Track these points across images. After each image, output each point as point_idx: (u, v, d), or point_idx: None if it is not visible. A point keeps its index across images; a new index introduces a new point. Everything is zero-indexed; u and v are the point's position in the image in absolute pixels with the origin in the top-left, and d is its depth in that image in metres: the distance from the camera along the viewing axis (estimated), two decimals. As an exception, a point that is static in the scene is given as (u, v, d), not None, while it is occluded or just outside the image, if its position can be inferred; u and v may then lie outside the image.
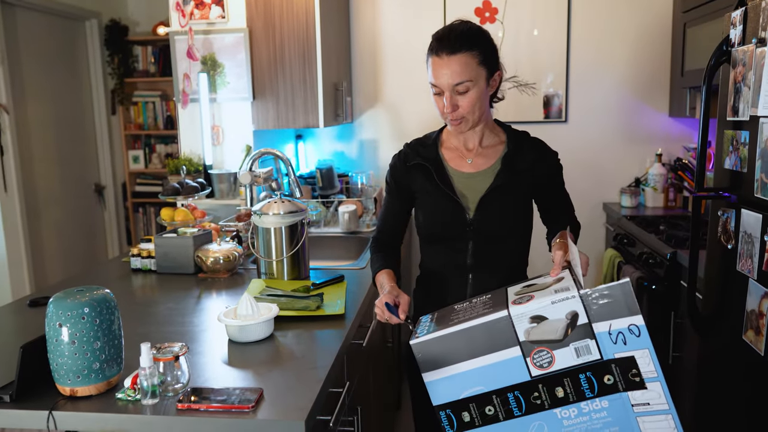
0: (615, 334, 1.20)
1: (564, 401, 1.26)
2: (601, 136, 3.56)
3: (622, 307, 1.19)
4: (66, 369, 1.24)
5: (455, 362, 1.29)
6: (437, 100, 1.57)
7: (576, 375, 1.23)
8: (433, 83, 1.54)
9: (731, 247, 1.79)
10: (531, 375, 1.26)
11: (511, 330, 1.25)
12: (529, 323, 1.23)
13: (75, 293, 1.27)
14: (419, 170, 1.65)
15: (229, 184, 2.91)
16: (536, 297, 1.26)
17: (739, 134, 1.75)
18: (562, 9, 3.46)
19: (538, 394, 1.26)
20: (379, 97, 3.67)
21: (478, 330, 1.27)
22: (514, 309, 1.25)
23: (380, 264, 1.67)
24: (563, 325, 1.22)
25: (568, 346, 1.22)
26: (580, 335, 1.22)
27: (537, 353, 1.24)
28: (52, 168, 4.12)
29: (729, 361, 1.84)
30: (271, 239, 2.09)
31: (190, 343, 1.58)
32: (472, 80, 1.51)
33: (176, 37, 2.87)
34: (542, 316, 1.23)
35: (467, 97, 1.52)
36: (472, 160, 1.64)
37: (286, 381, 1.36)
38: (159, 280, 2.19)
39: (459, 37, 1.50)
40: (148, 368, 1.23)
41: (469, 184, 1.62)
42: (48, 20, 4.08)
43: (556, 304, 1.22)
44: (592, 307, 1.20)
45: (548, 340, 1.23)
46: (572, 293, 1.22)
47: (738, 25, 1.75)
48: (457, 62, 1.49)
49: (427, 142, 1.70)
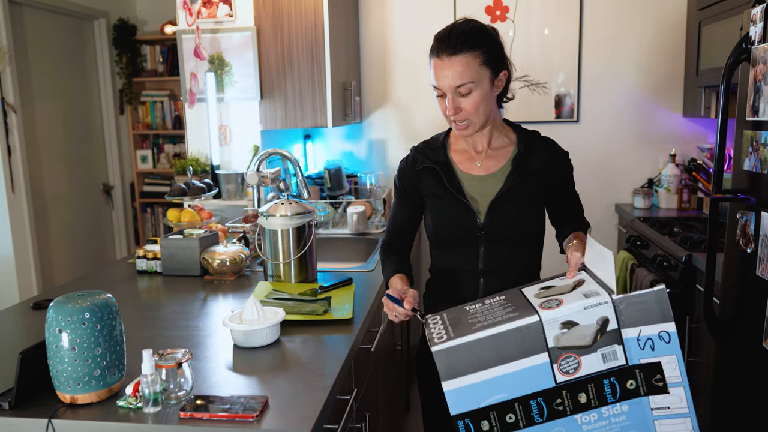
0: (644, 340, 1.17)
1: (586, 407, 1.22)
2: (613, 136, 3.50)
3: (655, 313, 1.16)
4: (66, 376, 1.21)
5: (479, 369, 1.24)
6: (440, 102, 1.53)
7: (600, 381, 1.20)
8: (435, 85, 1.50)
9: (750, 252, 1.74)
10: (556, 381, 1.21)
11: (541, 336, 1.20)
12: (560, 329, 1.19)
13: (76, 298, 1.24)
14: (428, 174, 1.61)
15: (237, 184, 2.88)
16: (565, 302, 1.22)
17: (759, 135, 1.70)
18: (574, 7, 3.40)
19: (561, 401, 1.22)
20: (388, 97, 3.63)
21: (507, 336, 1.22)
22: (545, 314, 1.20)
23: (393, 268, 1.62)
24: (593, 330, 1.18)
25: (595, 352, 1.19)
26: (608, 341, 1.18)
27: (564, 359, 1.20)
28: (59, 168, 4.11)
29: (748, 369, 1.79)
30: (278, 241, 2.05)
31: (195, 348, 1.55)
32: (474, 81, 1.46)
33: (183, 36, 2.84)
34: (573, 322, 1.19)
35: (470, 99, 1.48)
36: (481, 162, 1.60)
37: (292, 388, 1.32)
38: (164, 282, 2.16)
39: (460, 37, 1.45)
40: (149, 375, 1.20)
41: (479, 188, 1.57)
42: (56, 20, 4.07)
43: (588, 310, 1.18)
44: (624, 313, 1.17)
45: (577, 346, 1.19)
46: (604, 298, 1.18)
47: (758, 22, 1.70)
48: (458, 63, 1.45)
49: (434, 144, 1.65)
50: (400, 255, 1.67)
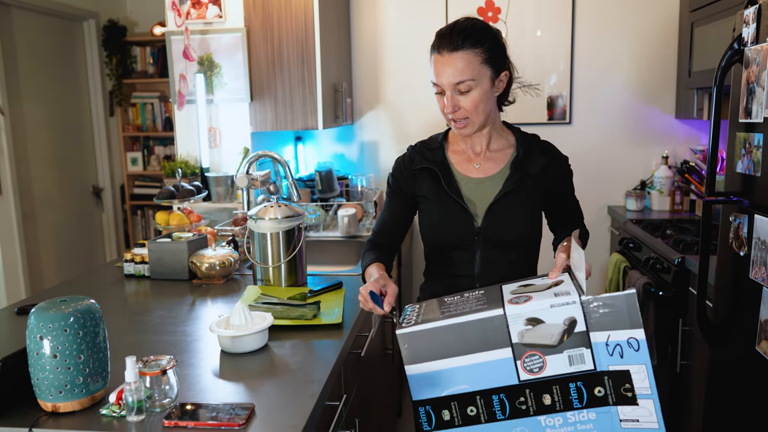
0: (612, 346, 1.15)
1: (550, 409, 1.19)
2: (605, 137, 3.49)
3: (624, 318, 1.13)
4: (47, 384, 1.18)
5: (442, 357, 1.22)
6: (439, 99, 1.50)
7: (566, 383, 1.17)
8: (435, 82, 1.48)
9: (744, 255, 1.73)
10: (519, 379, 1.19)
11: (505, 330, 1.18)
12: (525, 325, 1.17)
13: (58, 304, 1.21)
14: (425, 174, 1.58)
15: (227, 187, 2.85)
16: (534, 298, 1.20)
17: (753, 137, 1.69)
18: (567, 9, 3.39)
19: (524, 400, 1.20)
20: (379, 99, 3.61)
21: (470, 326, 1.20)
22: (511, 309, 1.19)
23: (371, 258, 1.58)
24: (560, 330, 1.16)
25: (561, 353, 1.16)
26: (576, 343, 1.16)
27: (528, 357, 1.18)
28: (48, 170, 4.07)
29: (742, 373, 1.77)
30: (268, 245, 2.03)
31: (181, 354, 1.52)
32: (474, 79, 1.44)
33: (172, 38, 2.81)
34: (539, 319, 1.17)
35: (469, 97, 1.46)
36: (480, 164, 1.57)
37: (280, 395, 1.30)
38: (152, 287, 2.13)
39: (461, 34, 1.44)
40: (133, 383, 1.17)
41: (477, 191, 1.55)
42: (45, 21, 4.03)
43: (555, 308, 1.16)
44: (593, 316, 1.15)
45: (542, 345, 1.17)
46: (573, 298, 1.16)
47: (751, 23, 1.69)
48: (458, 60, 1.43)
49: (432, 144, 1.62)
50: (381, 251, 1.63)
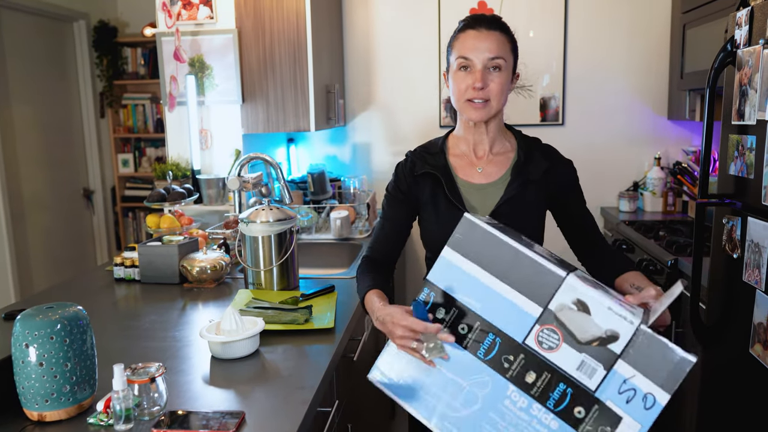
0: (628, 387, 1.07)
1: (525, 387, 1.12)
2: (598, 139, 3.49)
3: (662, 373, 1.05)
4: (33, 392, 1.16)
5: (481, 266, 1.17)
6: (461, 77, 1.46)
7: (558, 379, 1.10)
8: (465, 56, 1.45)
9: (737, 257, 1.72)
10: (524, 341, 1.13)
11: (552, 291, 1.11)
12: (571, 302, 1.10)
13: (44, 311, 1.19)
14: (427, 180, 1.54)
15: (218, 189, 2.83)
16: (600, 292, 1.12)
17: (745, 139, 1.68)
18: (559, 10, 3.39)
19: (512, 360, 1.13)
20: (372, 100, 3.59)
21: (527, 263, 1.14)
22: (573, 279, 1.11)
23: (369, 284, 1.46)
24: (597, 333, 1.09)
25: (579, 353, 1.09)
26: (600, 356, 1.08)
27: (548, 330, 1.11)
28: (38, 172, 4.03)
29: (735, 375, 1.77)
30: (259, 248, 2.01)
31: (171, 360, 1.50)
32: (505, 60, 1.46)
33: (163, 39, 2.79)
34: (588, 308, 1.09)
35: (498, 78, 1.45)
36: (482, 168, 1.55)
37: (271, 402, 1.28)
38: (143, 291, 2.11)
39: (493, 18, 1.49)
40: (121, 391, 1.16)
41: (479, 197, 1.53)
42: (34, 21, 3.99)
43: (610, 313, 1.08)
44: (637, 348, 1.06)
45: (570, 331, 1.10)
46: (633, 319, 1.08)
47: (744, 25, 1.68)
48: (495, 38, 1.46)
49: (432, 149, 1.58)
50: (379, 273, 1.53)
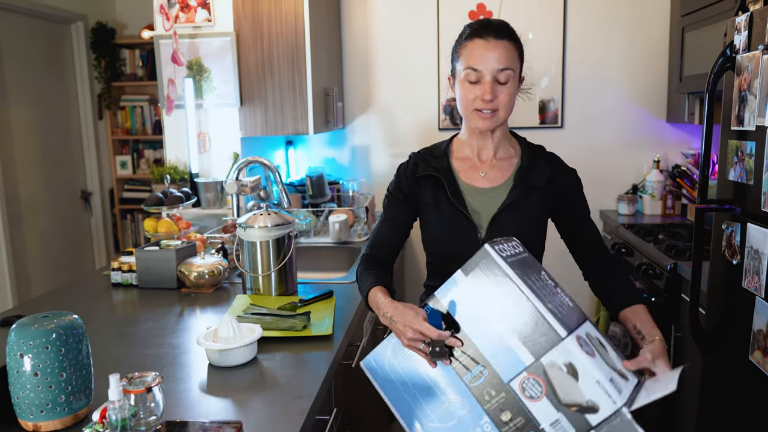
0: None
1: (499, 423, 1.15)
2: (597, 141, 3.48)
3: None
4: (28, 403, 1.15)
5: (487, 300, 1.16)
6: (469, 88, 1.44)
7: (530, 427, 1.13)
8: (474, 67, 1.42)
9: (736, 263, 1.71)
10: (508, 383, 1.15)
11: (547, 346, 1.12)
12: (563, 363, 1.11)
13: (40, 320, 1.18)
14: (429, 182, 1.54)
15: (216, 192, 2.82)
16: (596, 360, 1.13)
17: (745, 145, 1.68)
18: (558, 12, 3.38)
19: (493, 395, 1.16)
20: (371, 102, 3.58)
21: (531, 312, 1.14)
22: (571, 344, 1.11)
23: (372, 281, 1.48)
24: (578, 401, 1.10)
25: (557, 411, 1.11)
26: (575, 421, 1.10)
27: (534, 380, 1.13)
28: (36, 174, 4.02)
29: (735, 381, 1.76)
30: (257, 253, 2.00)
31: (168, 368, 1.49)
32: (513, 70, 1.44)
33: (161, 42, 2.78)
34: (576, 374, 1.11)
35: (506, 89, 1.43)
36: (485, 172, 1.54)
37: (269, 411, 1.27)
38: (140, 296, 2.10)
39: (502, 25, 1.46)
40: (117, 401, 1.14)
41: (481, 201, 1.51)
42: (32, 23, 3.98)
43: (597, 387, 1.09)
44: (610, 427, 1.08)
45: (554, 389, 1.11)
46: (617, 399, 1.09)
47: (743, 30, 1.68)
48: (503, 47, 1.43)
49: (436, 152, 1.58)
50: (380, 270, 1.55)
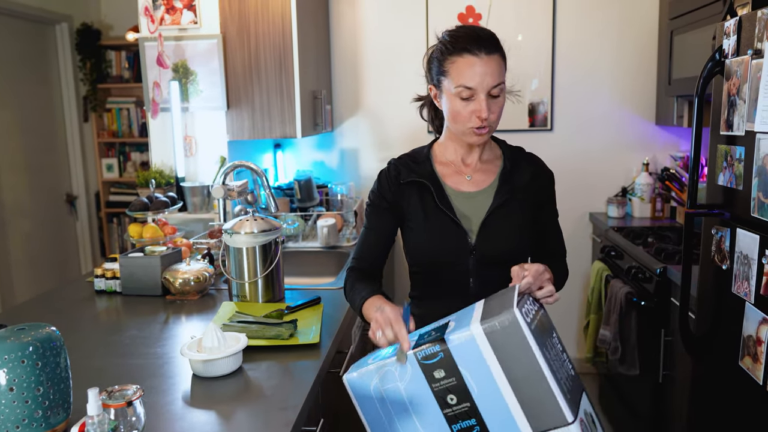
0: None
1: None
2: (587, 144, 3.48)
3: None
4: (4, 418, 1.12)
5: (500, 363, 1.11)
6: (461, 105, 1.39)
7: None
8: (467, 85, 1.37)
9: (726, 268, 1.71)
10: None
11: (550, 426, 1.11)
12: None
13: (16, 332, 1.15)
14: (414, 188, 1.49)
15: (203, 197, 2.79)
16: None
17: (734, 149, 1.67)
18: (547, 15, 3.37)
19: None
20: (360, 105, 3.56)
21: (543, 387, 1.11)
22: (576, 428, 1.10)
23: (368, 291, 1.41)
24: None
25: None
26: None
27: None
28: (20, 177, 3.96)
29: (725, 386, 1.75)
30: (243, 259, 1.97)
31: (151, 379, 1.46)
32: (504, 83, 1.41)
33: (146, 44, 2.74)
34: None
35: (498, 102, 1.40)
36: (471, 176, 1.51)
37: (253, 424, 1.25)
38: (124, 303, 2.06)
39: (491, 38, 1.40)
40: (96, 416, 1.11)
41: (469, 205, 1.48)
42: (15, 24, 3.92)
43: None
44: None
45: None
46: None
47: (732, 35, 1.67)
48: (495, 63, 1.38)
49: (418, 158, 1.53)
50: (372, 281, 1.50)
